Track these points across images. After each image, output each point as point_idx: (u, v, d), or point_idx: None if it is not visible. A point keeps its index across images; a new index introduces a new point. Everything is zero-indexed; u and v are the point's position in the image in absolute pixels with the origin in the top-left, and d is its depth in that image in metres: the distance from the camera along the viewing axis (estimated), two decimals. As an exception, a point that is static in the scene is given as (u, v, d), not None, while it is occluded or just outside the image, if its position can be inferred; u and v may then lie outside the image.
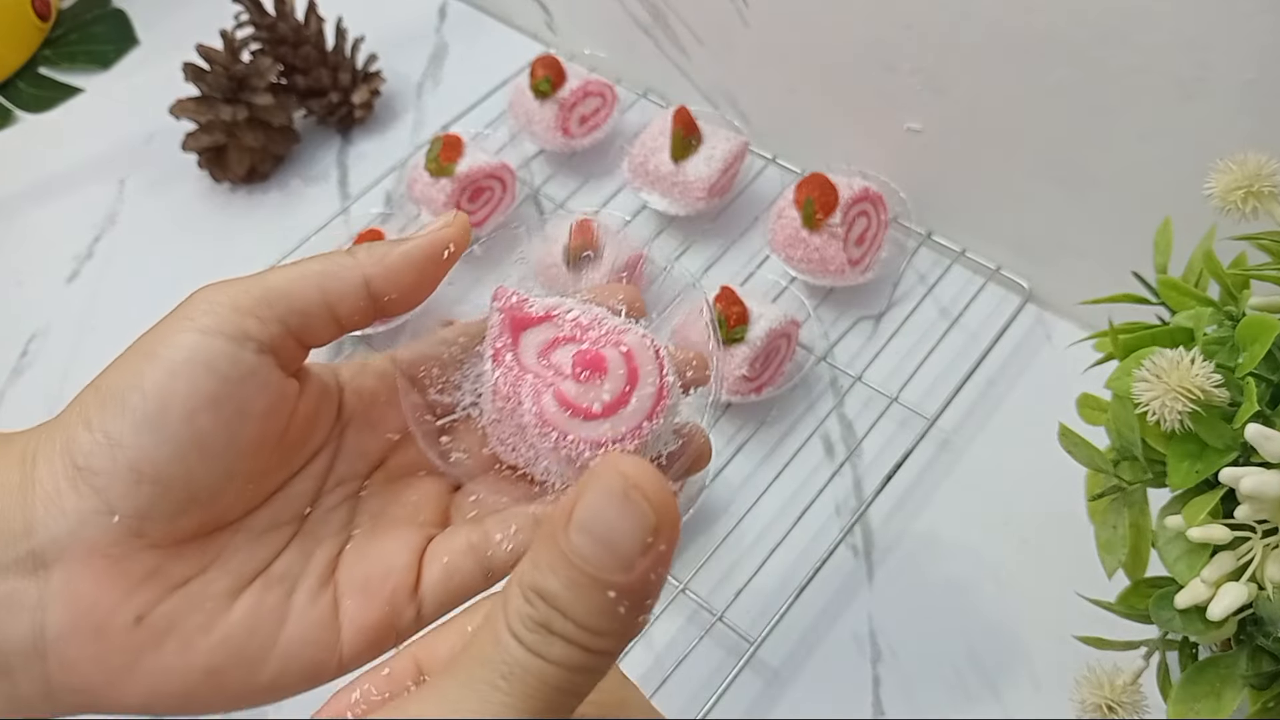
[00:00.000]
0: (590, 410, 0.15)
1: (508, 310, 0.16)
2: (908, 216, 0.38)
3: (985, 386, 0.35)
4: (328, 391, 0.16)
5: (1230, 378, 0.19)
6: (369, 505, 0.16)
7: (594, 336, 0.16)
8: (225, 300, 0.14)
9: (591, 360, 0.15)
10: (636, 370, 0.15)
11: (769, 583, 0.31)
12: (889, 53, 0.34)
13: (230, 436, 0.14)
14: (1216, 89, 0.27)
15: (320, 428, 0.16)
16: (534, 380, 0.16)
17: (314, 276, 0.15)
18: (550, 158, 0.43)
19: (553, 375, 0.16)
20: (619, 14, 0.42)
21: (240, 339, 0.14)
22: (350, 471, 0.16)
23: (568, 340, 0.16)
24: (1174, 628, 0.19)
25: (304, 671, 0.15)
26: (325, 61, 0.44)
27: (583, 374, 0.15)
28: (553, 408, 0.15)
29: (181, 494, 0.14)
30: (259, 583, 0.15)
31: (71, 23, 0.53)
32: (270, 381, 0.15)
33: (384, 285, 0.15)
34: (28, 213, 0.45)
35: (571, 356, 0.15)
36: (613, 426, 0.15)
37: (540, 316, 0.16)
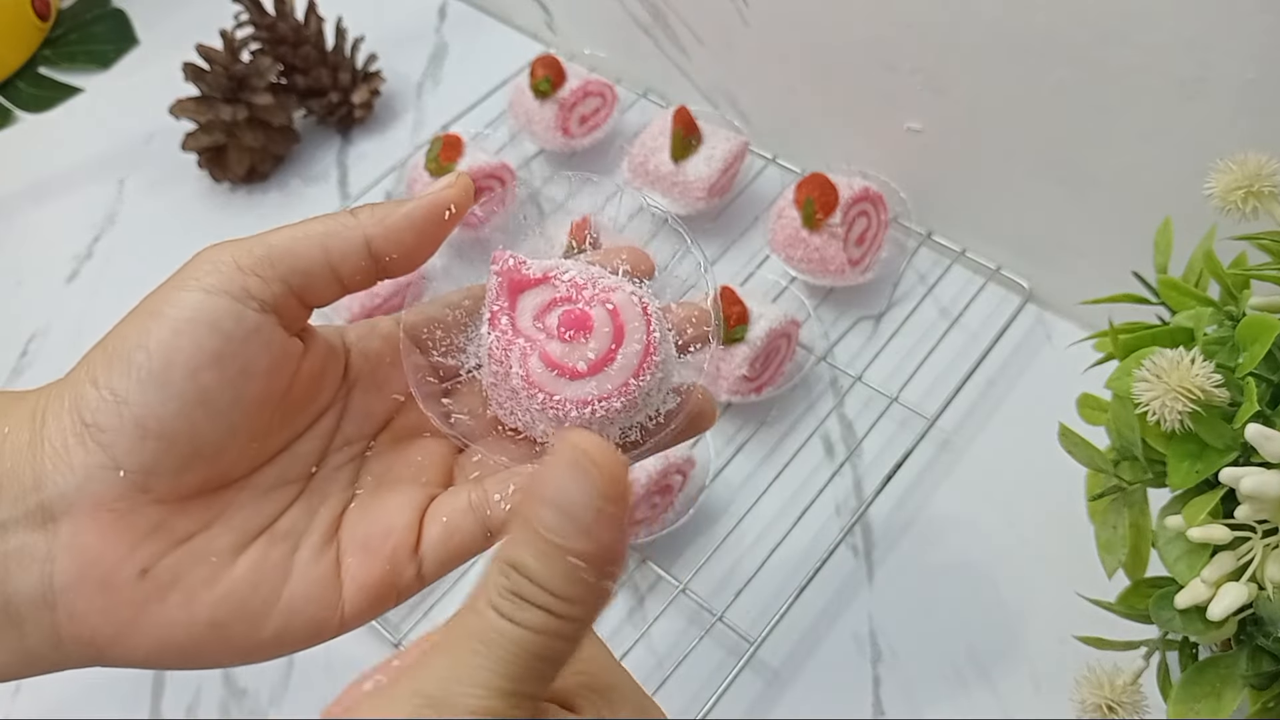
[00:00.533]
0: (575, 369, 0.15)
1: (505, 273, 0.16)
2: (908, 216, 0.38)
3: (985, 386, 0.35)
4: (334, 352, 0.17)
5: (1230, 378, 0.19)
6: (374, 465, 0.17)
7: (589, 296, 0.16)
8: (229, 259, 0.15)
9: (577, 319, 0.15)
10: (623, 328, 0.15)
11: (769, 583, 0.31)
12: (889, 52, 0.34)
13: (234, 393, 0.14)
14: (1217, 89, 0.27)
15: (326, 388, 0.16)
16: (524, 344, 0.16)
17: (316, 236, 0.15)
18: (550, 158, 0.43)
19: (544, 338, 0.16)
20: (619, 14, 0.42)
21: (243, 297, 0.14)
22: (356, 432, 0.17)
23: (564, 301, 0.16)
24: (1174, 628, 0.19)
25: (306, 627, 0.15)
26: (325, 61, 0.44)
27: (568, 334, 0.15)
28: (539, 369, 0.15)
29: (186, 450, 0.14)
30: (263, 539, 0.15)
31: (71, 22, 0.53)
32: (273, 340, 0.15)
33: (385, 245, 0.15)
34: (27, 212, 0.45)
35: (560, 316, 0.15)
36: (598, 385, 0.15)
37: (537, 279, 0.16)
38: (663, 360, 0.16)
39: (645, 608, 0.31)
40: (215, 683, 0.30)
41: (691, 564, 0.31)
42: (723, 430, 0.34)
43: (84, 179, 0.46)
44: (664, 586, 0.31)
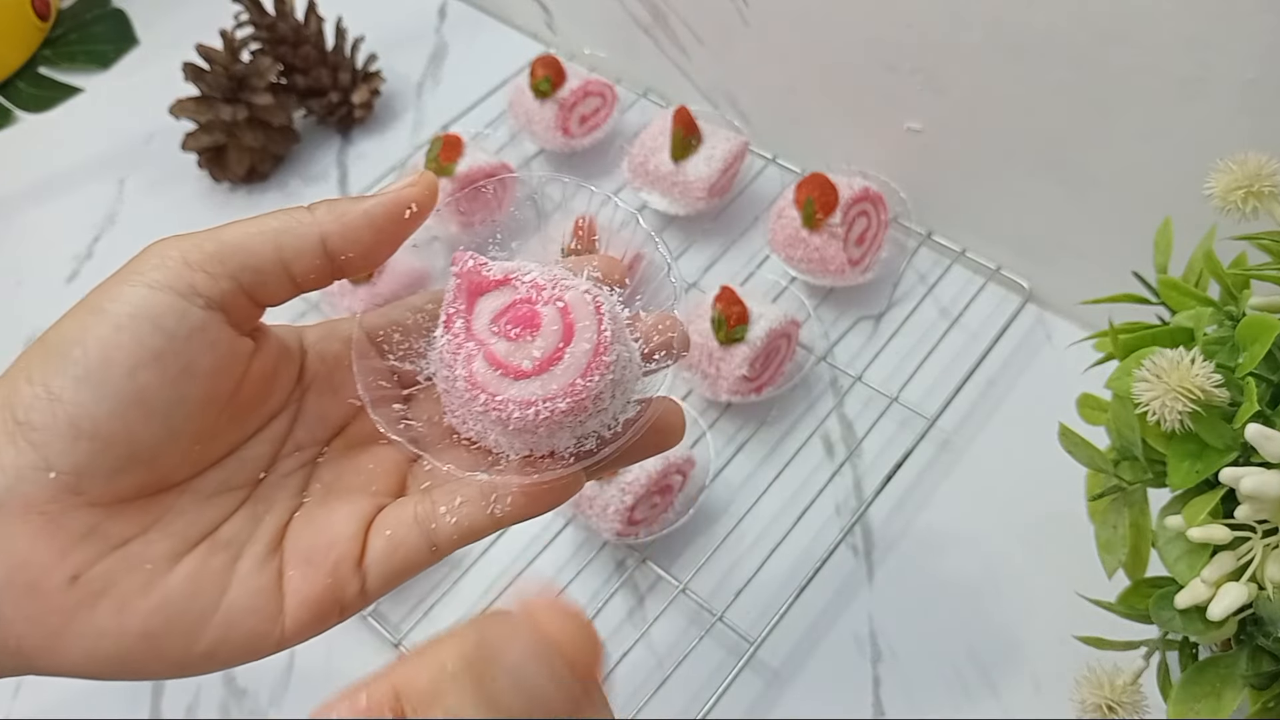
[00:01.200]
0: (520, 369, 0.14)
1: (464, 275, 0.15)
2: (908, 216, 0.38)
3: (985, 386, 0.35)
4: (288, 353, 0.16)
5: (1230, 378, 0.19)
6: (324, 472, 0.16)
7: (547, 297, 0.15)
8: (176, 254, 0.14)
9: (524, 317, 0.15)
10: (572, 326, 0.15)
11: (769, 583, 0.31)
12: (889, 52, 0.34)
13: (175, 394, 0.14)
14: (1217, 89, 0.27)
15: (279, 390, 0.16)
16: (473, 346, 0.15)
17: (270, 233, 0.15)
18: (550, 157, 0.43)
19: (494, 340, 0.15)
20: (619, 14, 0.42)
21: (188, 294, 0.14)
22: (309, 437, 0.16)
23: (524, 303, 0.15)
24: (1174, 628, 0.19)
25: (244, 641, 0.14)
26: (325, 61, 0.44)
27: (514, 331, 0.15)
28: (483, 369, 0.15)
29: (122, 451, 0.14)
30: (203, 547, 0.14)
31: (71, 22, 0.53)
32: (219, 339, 0.14)
33: (341, 244, 0.15)
34: (27, 212, 0.45)
35: (509, 318, 0.15)
36: (543, 385, 0.14)
37: (497, 280, 0.15)
38: (616, 362, 0.15)
39: (645, 607, 0.31)
40: (215, 683, 0.30)
41: (691, 564, 0.31)
42: (723, 430, 0.34)
43: (84, 179, 0.46)
44: (664, 586, 0.31)
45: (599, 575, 0.32)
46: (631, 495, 0.30)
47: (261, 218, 0.15)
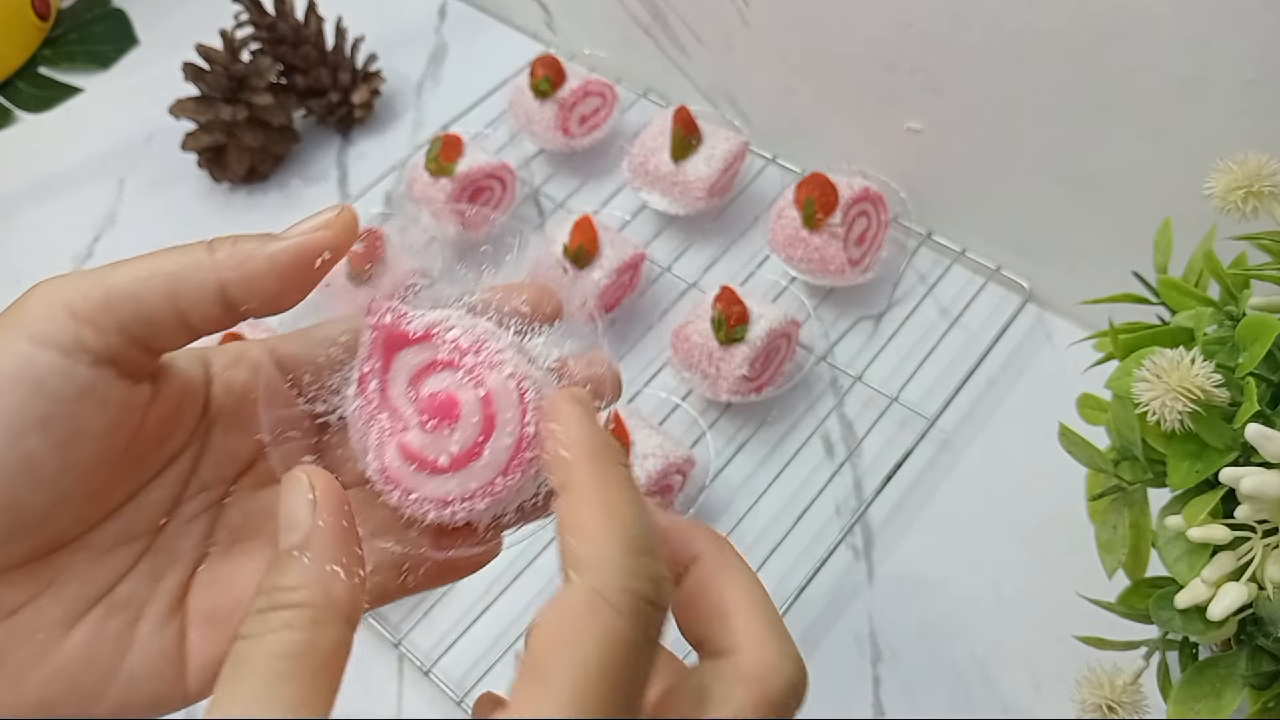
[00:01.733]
0: (436, 464, 0.13)
1: (380, 329, 0.14)
2: (908, 216, 0.38)
3: (985, 386, 0.35)
4: (190, 389, 0.15)
5: (1230, 378, 0.19)
6: (231, 515, 0.15)
7: (470, 365, 0.14)
8: (61, 303, 0.13)
9: (441, 406, 0.13)
10: (493, 418, 0.13)
11: (770, 583, 0.30)
12: (889, 52, 0.34)
13: (63, 459, 0.13)
14: (1217, 89, 0.27)
15: (181, 429, 0.15)
16: (383, 425, 0.14)
17: (163, 278, 0.13)
18: (550, 157, 0.43)
19: (408, 417, 0.14)
20: (619, 14, 0.42)
21: (74, 351, 0.13)
22: (215, 475, 0.15)
23: (445, 365, 0.14)
24: (1174, 628, 0.19)
25: (147, 704, 0.14)
26: (325, 61, 0.44)
27: (430, 423, 0.14)
28: (396, 462, 0.14)
29: (7, 521, 0.13)
30: (100, 608, 0.14)
31: (71, 22, 0.53)
32: (110, 396, 0.13)
33: (242, 293, 0.14)
34: (27, 212, 0.45)
35: (425, 400, 0.14)
36: (460, 483, 0.13)
37: (418, 336, 0.14)
38: (535, 455, 0.13)
39: (645, 608, 0.31)
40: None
41: (691, 564, 0.31)
42: (723, 430, 0.34)
43: (84, 179, 0.46)
44: (664, 586, 0.31)
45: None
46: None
47: (157, 257, 0.13)
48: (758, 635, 0.13)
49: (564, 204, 0.42)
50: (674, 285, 0.38)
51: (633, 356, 0.37)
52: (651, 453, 0.30)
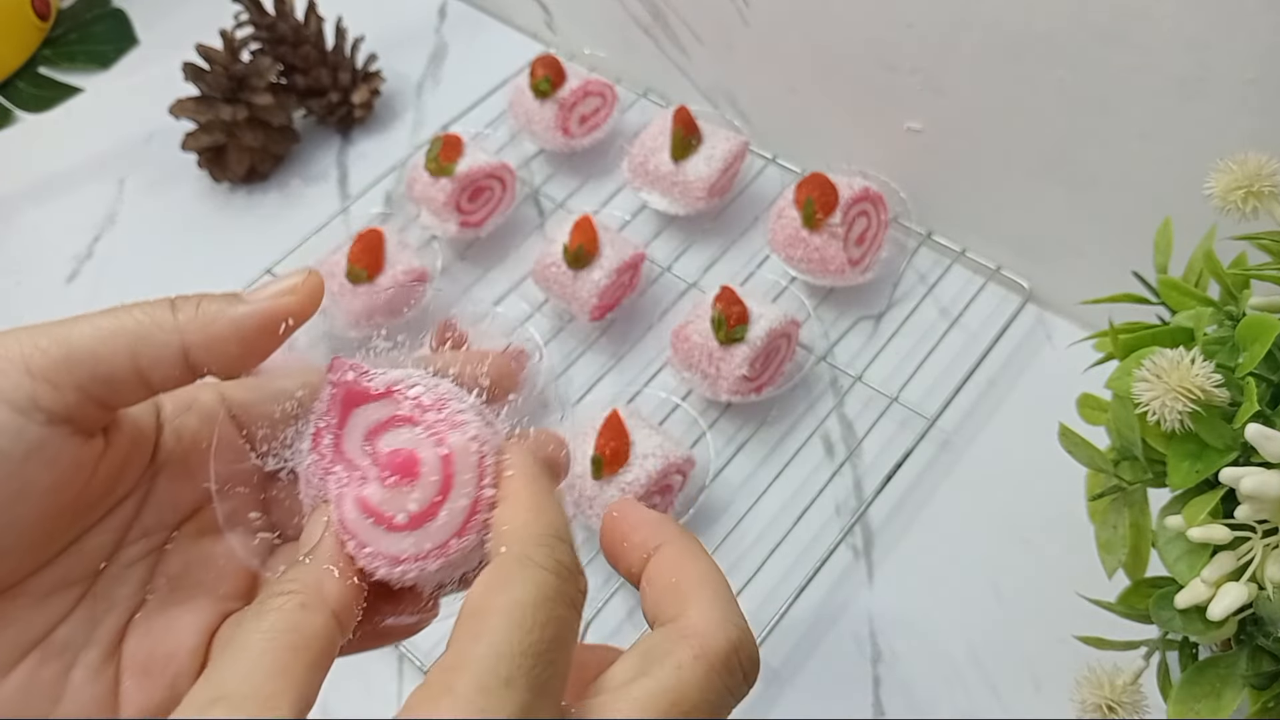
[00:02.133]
0: (393, 521, 0.13)
1: (340, 385, 0.14)
2: (908, 216, 0.38)
3: (985, 386, 0.35)
4: (141, 437, 0.15)
5: (1230, 378, 0.18)
6: (171, 563, 0.15)
7: (431, 422, 0.14)
8: (18, 359, 0.13)
9: (403, 464, 0.14)
10: (451, 479, 0.13)
11: (770, 582, 0.31)
12: (889, 52, 0.34)
13: (7, 517, 0.13)
14: (1217, 89, 0.27)
15: (128, 476, 0.15)
16: (340, 478, 0.14)
17: (126, 338, 0.13)
18: (550, 157, 0.43)
19: (365, 469, 0.14)
20: (619, 13, 0.42)
21: (28, 409, 0.13)
22: (157, 522, 0.15)
23: (404, 422, 0.14)
24: (1174, 628, 0.19)
25: None
26: (325, 61, 0.44)
27: (390, 479, 0.14)
28: (354, 514, 0.14)
29: None
30: (35, 655, 0.14)
31: (71, 22, 0.53)
32: (60, 454, 0.13)
33: (204, 356, 0.14)
34: (27, 212, 0.45)
35: (385, 455, 0.14)
36: (415, 542, 0.13)
37: (378, 393, 0.14)
38: (490, 520, 0.14)
39: (645, 608, 0.31)
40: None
41: (691, 564, 0.31)
42: (723, 430, 0.34)
43: (84, 179, 0.46)
44: None
45: (599, 574, 0.32)
46: (631, 495, 0.30)
47: (120, 315, 0.13)
48: (706, 601, 0.13)
49: (564, 204, 0.42)
50: (674, 285, 0.38)
51: (633, 356, 0.37)
52: (651, 453, 0.30)
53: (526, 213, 0.42)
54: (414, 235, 0.40)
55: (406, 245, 0.38)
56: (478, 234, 0.40)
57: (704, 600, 0.13)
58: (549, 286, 0.37)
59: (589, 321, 0.36)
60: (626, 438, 0.30)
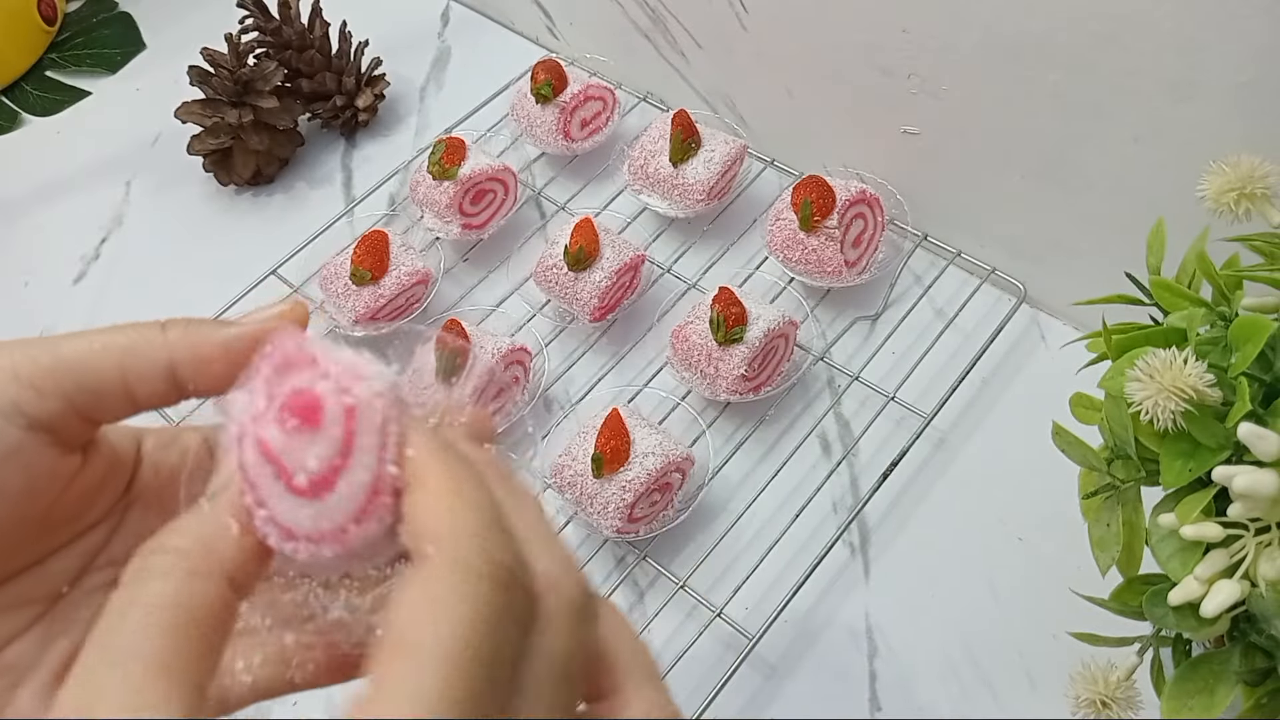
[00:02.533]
0: (293, 480, 0.11)
1: (278, 348, 0.12)
2: (904, 218, 0.38)
3: (980, 386, 0.35)
4: (119, 464, 0.15)
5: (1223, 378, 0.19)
6: None
7: (339, 374, 0.12)
8: (8, 366, 0.13)
9: (305, 404, 0.11)
10: (353, 437, 0.11)
11: (767, 579, 0.31)
12: (885, 57, 0.34)
13: None
14: (1209, 92, 0.27)
15: (101, 503, 0.15)
16: (251, 407, 0.12)
17: (115, 352, 0.13)
18: (551, 160, 0.44)
19: (271, 411, 0.12)
20: (619, 18, 0.43)
21: (10, 413, 0.13)
22: (125, 553, 0.14)
23: (320, 375, 0.12)
24: (1167, 624, 0.20)
25: None
26: (330, 65, 0.45)
27: (290, 421, 0.11)
28: (253, 458, 0.12)
29: None
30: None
31: (77, 26, 0.54)
32: (37, 460, 0.13)
33: (190, 373, 0.14)
34: (35, 214, 0.45)
35: (288, 395, 0.12)
36: (313, 518, 0.11)
37: (312, 359, 0.12)
38: (395, 518, 0.11)
39: (645, 604, 0.31)
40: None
41: (690, 561, 0.31)
42: (721, 429, 0.35)
43: (91, 181, 0.46)
44: (663, 583, 0.31)
45: (599, 572, 0.32)
46: (631, 493, 0.30)
47: (108, 332, 0.14)
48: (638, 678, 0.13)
49: (565, 206, 0.42)
50: (673, 286, 0.39)
51: (632, 356, 0.37)
52: (651, 451, 0.30)
53: (528, 215, 0.42)
54: (417, 237, 0.40)
55: (410, 247, 0.39)
56: (480, 236, 0.40)
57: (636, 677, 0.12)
58: (550, 288, 0.37)
59: (589, 322, 0.37)
60: (627, 436, 0.31)
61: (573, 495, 0.31)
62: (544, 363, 0.36)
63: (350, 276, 0.37)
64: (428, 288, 0.39)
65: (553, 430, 0.34)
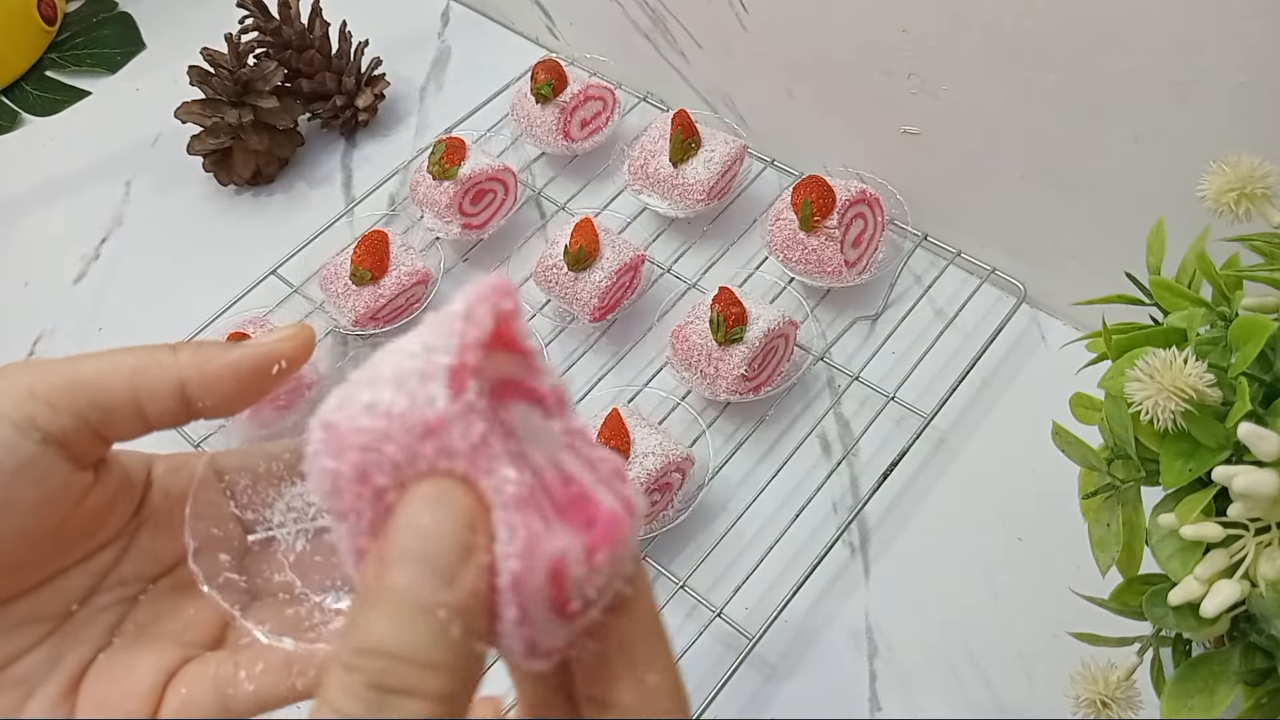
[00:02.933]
0: (569, 607, 0.10)
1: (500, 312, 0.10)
2: (904, 218, 0.38)
3: (980, 386, 0.35)
4: (129, 486, 0.15)
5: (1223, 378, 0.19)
6: (142, 612, 0.15)
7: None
8: (24, 382, 0.13)
9: (611, 529, 0.10)
10: (614, 567, 0.10)
11: (767, 579, 0.31)
12: (885, 57, 0.34)
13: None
14: (1209, 92, 0.27)
15: (113, 523, 0.15)
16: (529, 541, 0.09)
17: (126, 371, 0.14)
18: (552, 160, 0.44)
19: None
20: (619, 18, 0.43)
21: (25, 426, 0.13)
22: (135, 573, 0.15)
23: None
24: (1167, 624, 0.20)
25: None
26: (330, 65, 0.45)
27: (599, 554, 0.10)
28: (539, 581, 0.10)
29: None
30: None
31: (78, 26, 0.54)
32: (49, 475, 0.14)
33: (200, 392, 0.14)
34: (35, 214, 0.45)
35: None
36: (564, 636, 0.10)
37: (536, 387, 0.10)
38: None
39: (645, 606, 0.31)
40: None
41: (690, 561, 0.31)
42: (721, 429, 0.35)
43: (91, 181, 0.46)
44: (663, 583, 0.31)
45: (599, 573, 0.32)
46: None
47: (120, 353, 0.14)
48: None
49: (565, 206, 0.42)
50: (673, 286, 0.39)
51: (632, 356, 0.37)
52: (651, 451, 0.30)
53: (528, 215, 0.42)
54: (417, 237, 0.40)
55: (410, 247, 0.39)
56: (480, 236, 0.40)
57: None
58: (550, 288, 0.37)
59: (590, 322, 0.37)
60: (627, 436, 0.31)
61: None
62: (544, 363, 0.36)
63: (350, 276, 0.37)
64: (428, 288, 0.39)
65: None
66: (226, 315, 0.38)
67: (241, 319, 0.36)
